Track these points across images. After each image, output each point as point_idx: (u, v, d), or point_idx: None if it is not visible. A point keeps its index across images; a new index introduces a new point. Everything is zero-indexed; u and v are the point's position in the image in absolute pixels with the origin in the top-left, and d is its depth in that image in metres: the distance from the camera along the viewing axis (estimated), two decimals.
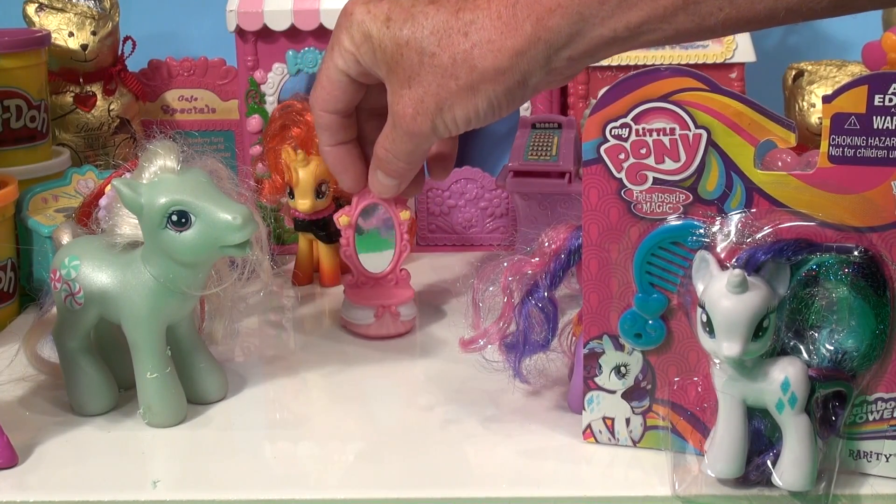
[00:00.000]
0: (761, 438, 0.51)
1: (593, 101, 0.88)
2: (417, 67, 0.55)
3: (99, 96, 0.92)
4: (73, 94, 0.92)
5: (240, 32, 0.87)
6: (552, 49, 0.52)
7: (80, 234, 0.62)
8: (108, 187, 0.61)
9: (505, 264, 0.57)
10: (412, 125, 0.57)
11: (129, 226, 0.58)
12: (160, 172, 0.56)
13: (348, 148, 0.63)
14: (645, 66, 0.86)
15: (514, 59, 0.53)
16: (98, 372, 0.61)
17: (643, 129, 0.50)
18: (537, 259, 0.56)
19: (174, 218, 0.55)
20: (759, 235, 0.49)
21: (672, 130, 0.50)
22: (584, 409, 0.55)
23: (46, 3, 0.91)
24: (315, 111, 0.62)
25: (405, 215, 0.71)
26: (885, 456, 0.51)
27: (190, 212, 0.55)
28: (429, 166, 0.68)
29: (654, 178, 0.51)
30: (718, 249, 0.50)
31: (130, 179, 0.56)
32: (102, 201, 0.61)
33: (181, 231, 0.55)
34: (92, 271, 0.58)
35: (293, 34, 0.87)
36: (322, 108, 0.62)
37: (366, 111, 0.64)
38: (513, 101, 0.56)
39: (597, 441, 0.56)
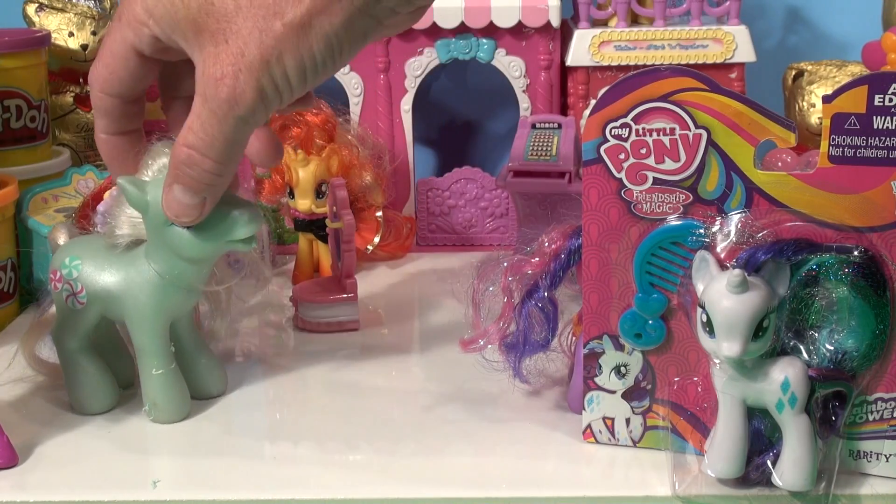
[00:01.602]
0: (761, 438, 0.51)
1: (593, 101, 0.88)
2: (233, 15, 0.44)
3: None
4: (73, 94, 0.92)
5: None
6: None
7: (75, 235, 0.62)
8: (107, 194, 0.61)
9: (505, 264, 0.57)
10: (233, 91, 0.45)
11: (129, 225, 0.58)
12: (164, 170, 0.56)
13: (131, 139, 0.53)
14: (645, 66, 0.86)
15: None
16: (99, 371, 0.61)
17: (643, 129, 0.51)
18: (537, 259, 0.56)
19: None
20: (759, 235, 0.49)
21: (672, 130, 0.50)
22: (584, 409, 0.55)
23: (46, 3, 0.91)
24: (93, 91, 0.51)
25: (337, 224, 0.72)
26: (885, 456, 0.51)
27: None
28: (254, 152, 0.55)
29: (654, 178, 0.51)
30: (718, 249, 0.50)
31: (135, 178, 0.56)
32: (101, 206, 0.61)
33: (188, 227, 0.55)
34: (94, 270, 0.58)
35: None
36: (102, 88, 0.50)
37: (178, 99, 0.54)
38: (355, 35, 0.46)
39: (597, 441, 0.56)
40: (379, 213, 0.83)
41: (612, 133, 0.51)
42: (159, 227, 0.56)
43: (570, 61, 0.88)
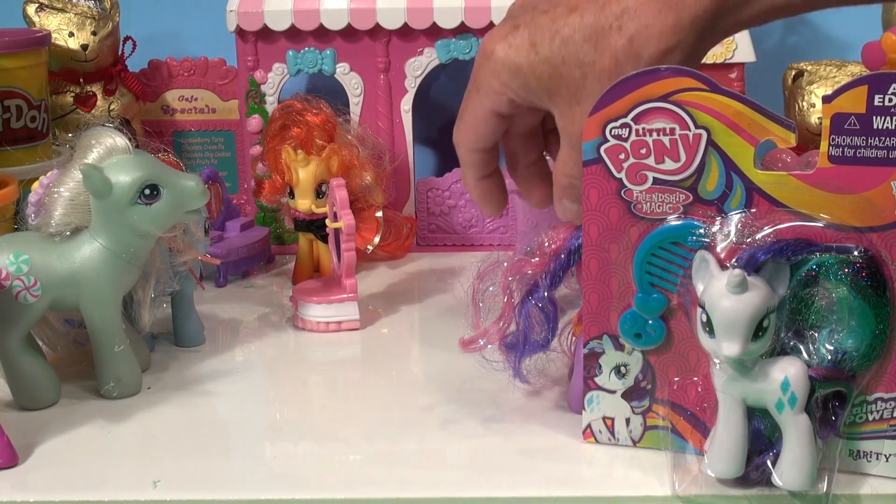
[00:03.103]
0: (761, 438, 0.51)
1: None
2: (581, 81, 0.52)
3: (99, 96, 0.93)
4: (73, 95, 0.92)
5: (240, 32, 0.87)
6: (718, 16, 0.49)
7: None
8: (36, 184, 0.62)
9: (505, 264, 0.57)
10: None
11: (72, 212, 0.60)
12: (114, 153, 0.59)
13: (494, 179, 0.62)
14: None
15: (680, 36, 0.50)
16: (42, 364, 0.62)
17: (643, 129, 0.50)
18: (537, 259, 0.56)
19: (147, 192, 0.59)
20: (759, 235, 0.49)
21: (672, 130, 0.50)
22: (584, 409, 0.55)
23: (46, 3, 0.91)
24: (460, 149, 0.61)
25: (337, 224, 0.73)
26: (885, 456, 0.51)
27: (160, 184, 0.59)
28: None
29: (654, 178, 0.51)
30: (718, 249, 0.50)
31: (93, 164, 0.59)
32: (32, 197, 0.62)
33: (151, 203, 0.59)
34: (44, 261, 0.60)
35: (293, 34, 0.87)
36: (468, 147, 0.60)
37: (514, 135, 0.62)
38: None
39: (597, 441, 0.56)
40: (379, 213, 0.83)
41: (612, 133, 0.51)
42: (122, 207, 0.59)
43: None
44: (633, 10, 0.50)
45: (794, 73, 0.90)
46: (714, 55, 0.86)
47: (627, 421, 0.55)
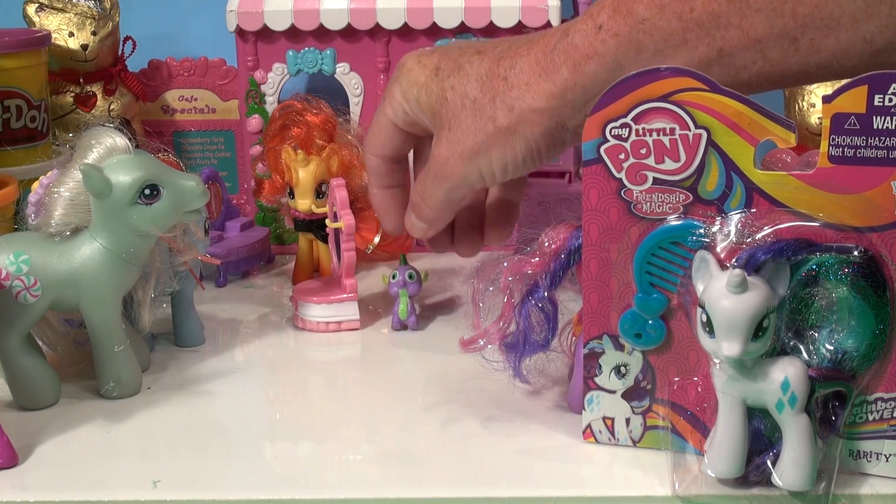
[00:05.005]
0: (761, 438, 0.51)
1: None
2: (459, 110, 0.57)
3: (99, 96, 0.93)
4: (73, 95, 0.92)
5: (240, 32, 0.87)
6: (588, 94, 0.53)
7: None
8: (36, 184, 0.62)
9: (505, 264, 0.57)
10: (444, 169, 0.58)
11: (73, 212, 0.60)
12: (114, 153, 0.59)
13: (394, 193, 0.65)
14: None
15: (551, 101, 0.54)
16: (42, 364, 0.62)
17: (643, 129, 0.50)
18: (537, 259, 0.56)
19: (147, 192, 0.59)
20: (759, 235, 0.49)
21: (672, 130, 0.50)
22: (584, 409, 0.55)
23: (46, 3, 0.91)
24: (366, 154, 0.65)
25: (337, 224, 0.73)
26: (885, 456, 0.51)
27: (160, 184, 0.59)
28: (485, 228, 0.67)
29: (654, 178, 0.51)
30: (718, 249, 0.50)
31: (93, 164, 0.59)
32: (32, 197, 0.62)
33: (151, 203, 0.59)
34: (44, 261, 0.60)
35: (293, 34, 0.87)
36: (371, 152, 0.64)
37: (421, 162, 0.66)
38: (552, 144, 0.56)
39: (597, 441, 0.56)
40: None
41: (612, 133, 0.51)
42: (121, 207, 0.59)
43: None
44: (519, 67, 0.55)
45: None
46: None
47: (627, 421, 0.55)
